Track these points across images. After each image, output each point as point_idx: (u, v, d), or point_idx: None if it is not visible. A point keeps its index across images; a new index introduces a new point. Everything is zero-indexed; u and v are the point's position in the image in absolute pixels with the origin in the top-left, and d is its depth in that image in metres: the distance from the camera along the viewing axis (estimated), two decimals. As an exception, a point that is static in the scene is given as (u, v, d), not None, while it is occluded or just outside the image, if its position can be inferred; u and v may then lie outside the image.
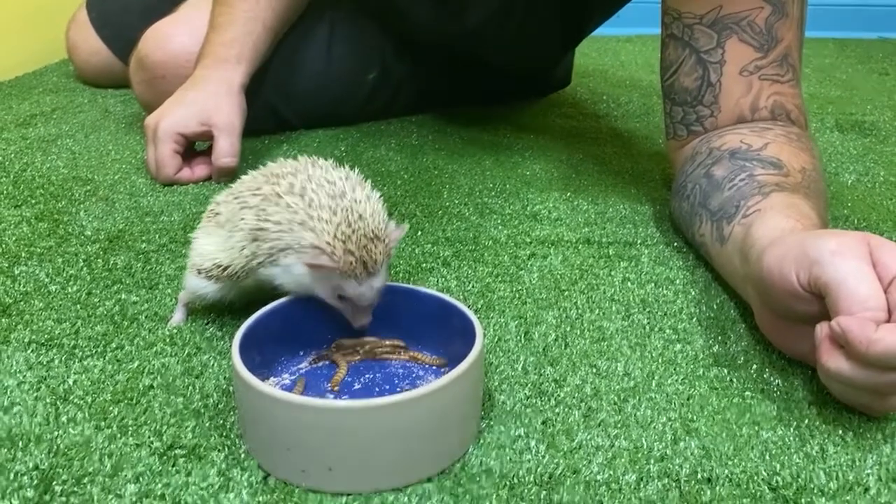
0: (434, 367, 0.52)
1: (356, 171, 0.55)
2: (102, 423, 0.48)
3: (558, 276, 0.67)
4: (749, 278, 0.56)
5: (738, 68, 0.74)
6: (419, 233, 0.76)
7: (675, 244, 0.74)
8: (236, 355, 0.45)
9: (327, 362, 0.53)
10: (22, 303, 0.62)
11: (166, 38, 1.00)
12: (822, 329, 0.47)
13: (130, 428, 0.47)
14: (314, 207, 0.51)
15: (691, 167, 0.73)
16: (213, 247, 0.57)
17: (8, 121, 1.11)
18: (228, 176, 0.89)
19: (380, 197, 0.53)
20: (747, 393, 0.52)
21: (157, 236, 0.74)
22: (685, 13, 0.75)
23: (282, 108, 1.06)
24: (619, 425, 0.48)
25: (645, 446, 0.46)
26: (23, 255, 0.70)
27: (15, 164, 0.93)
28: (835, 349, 0.46)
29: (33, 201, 0.82)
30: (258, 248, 0.52)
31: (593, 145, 1.05)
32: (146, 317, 0.60)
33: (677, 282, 0.67)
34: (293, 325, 0.52)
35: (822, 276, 0.47)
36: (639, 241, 0.75)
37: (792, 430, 0.48)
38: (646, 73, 1.50)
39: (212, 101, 0.89)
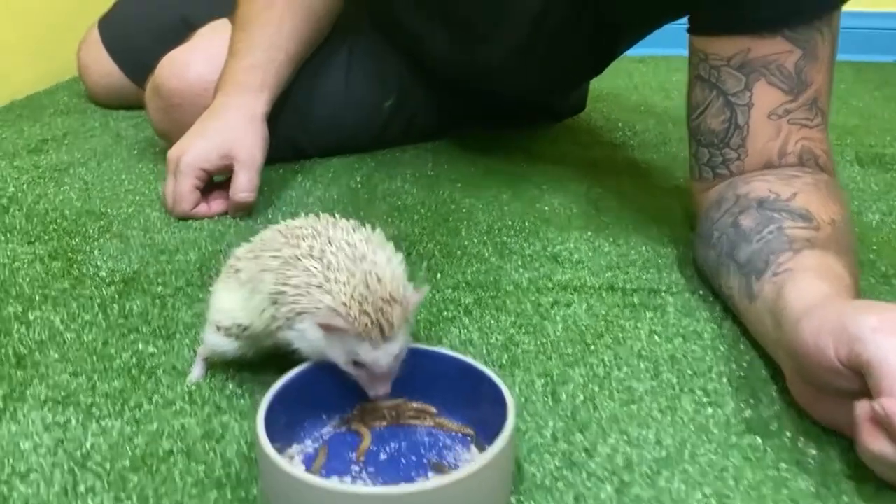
0: (460, 436, 0.51)
1: (377, 226, 0.54)
2: (122, 494, 0.47)
3: (583, 328, 0.66)
4: (781, 344, 0.55)
5: (766, 112, 0.72)
6: (439, 276, 0.75)
7: (701, 292, 0.72)
8: (261, 431, 0.44)
9: (351, 428, 0.52)
10: (37, 353, 0.61)
11: (183, 66, 0.99)
12: (862, 409, 0.45)
13: (151, 499, 0.46)
14: (332, 270, 0.50)
15: (717, 214, 0.72)
16: (233, 304, 0.56)
17: (20, 146, 1.10)
18: (245, 211, 0.88)
19: (401, 261, 0.52)
20: (782, 465, 0.50)
21: (172, 278, 0.73)
22: (712, 55, 0.74)
23: (298, 137, 1.05)
24: (652, 501, 0.47)
25: (681, 527, 0.45)
26: (37, 298, 0.69)
27: (28, 195, 0.92)
28: (877, 430, 0.44)
29: (47, 237, 0.81)
30: (277, 312, 0.51)
31: (611, 177, 1.04)
32: (164, 371, 0.59)
33: (705, 336, 0.65)
34: (317, 388, 0.51)
35: (864, 353, 0.45)
36: (663, 289, 0.73)
37: (831, 508, 0.47)
38: (660, 97, 1.49)
39: (233, 133, 0.88)
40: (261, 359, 0.58)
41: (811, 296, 0.53)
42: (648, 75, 1.66)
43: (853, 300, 0.54)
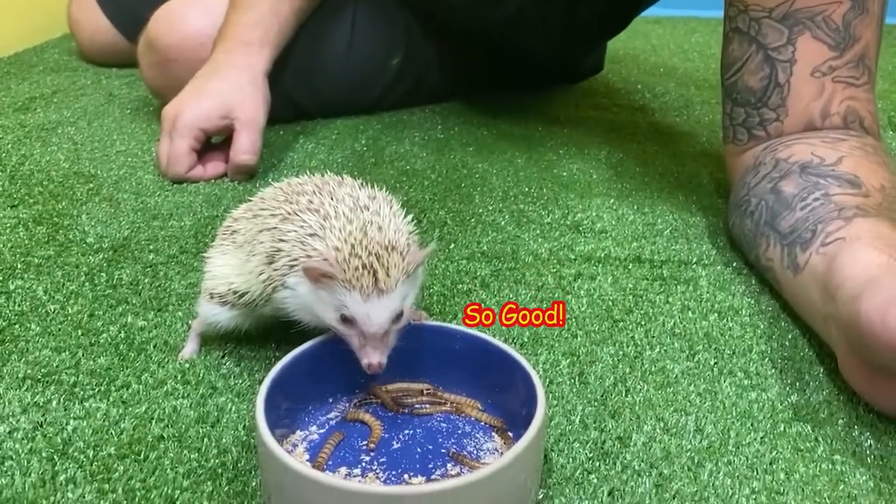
0: (483, 425, 0.46)
1: (385, 191, 0.49)
2: (106, 486, 0.42)
3: (610, 303, 0.61)
4: (835, 320, 0.50)
5: (809, 68, 0.66)
6: (452, 245, 0.70)
7: (735, 264, 0.67)
8: (261, 419, 0.39)
9: (348, 418, 0.46)
10: (17, 325, 0.56)
11: (179, 19, 0.92)
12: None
13: (138, 492, 0.41)
14: (329, 219, 0.45)
15: (754, 179, 0.67)
16: (228, 269, 0.51)
17: (6, 104, 1.04)
18: (245, 174, 0.82)
19: (411, 221, 0.47)
20: (837, 457, 0.46)
21: (165, 245, 0.68)
22: (752, 6, 0.68)
23: (299, 96, 0.99)
24: (696, 498, 0.42)
25: (729, 527, 0.40)
26: (19, 266, 0.64)
27: (12, 155, 0.86)
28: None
29: (31, 201, 0.75)
30: (273, 271, 0.46)
31: (632, 142, 0.98)
32: (154, 346, 0.54)
33: (743, 312, 0.60)
34: (323, 368, 0.46)
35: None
36: (694, 260, 0.68)
37: (895, 507, 0.42)
38: (679, 59, 1.42)
39: (235, 92, 0.82)
40: (259, 332, 0.53)
41: (871, 267, 0.48)
42: (665, 37, 1.59)
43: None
